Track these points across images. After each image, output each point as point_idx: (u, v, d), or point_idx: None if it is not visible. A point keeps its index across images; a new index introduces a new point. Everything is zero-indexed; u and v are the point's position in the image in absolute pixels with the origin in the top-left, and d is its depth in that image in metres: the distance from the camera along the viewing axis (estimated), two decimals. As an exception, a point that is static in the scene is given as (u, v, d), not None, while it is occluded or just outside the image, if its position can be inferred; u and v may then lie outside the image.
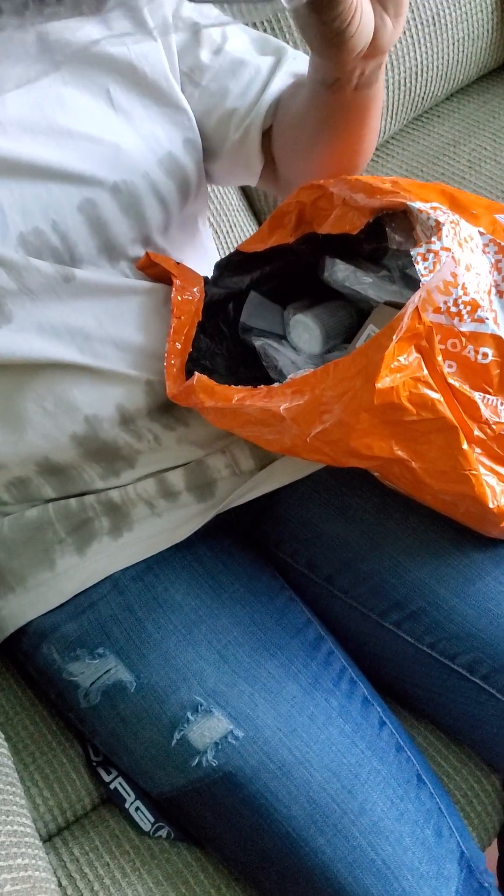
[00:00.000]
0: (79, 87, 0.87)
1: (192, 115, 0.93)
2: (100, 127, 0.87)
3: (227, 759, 0.81)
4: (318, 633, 0.90)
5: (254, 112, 0.92)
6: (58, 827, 0.91)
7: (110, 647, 0.88)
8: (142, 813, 0.88)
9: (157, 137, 0.89)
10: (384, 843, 0.78)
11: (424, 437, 0.72)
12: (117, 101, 0.88)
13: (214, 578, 0.92)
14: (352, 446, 0.72)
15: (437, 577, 0.89)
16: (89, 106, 0.87)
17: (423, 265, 0.69)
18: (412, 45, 1.36)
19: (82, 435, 0.88)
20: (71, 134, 0.85)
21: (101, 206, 0.85)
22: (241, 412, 0.78)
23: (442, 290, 0.69)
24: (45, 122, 0.85)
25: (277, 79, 0.92)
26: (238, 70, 0.93)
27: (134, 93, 0.89)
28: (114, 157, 0.86)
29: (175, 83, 0.91)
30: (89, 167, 0.85)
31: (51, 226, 0.84)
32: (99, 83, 0.87)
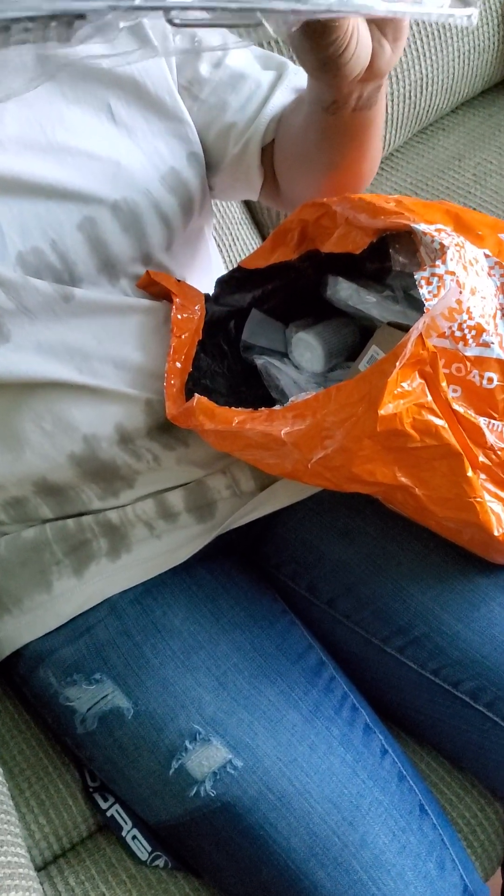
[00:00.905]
0: (79, 102, 0.85)
1: (195, 129, 0.92)
2: (101, 143, 0.85)
3: (226, 789, 0.79)
4: (320, 658, 0.89)
5: (253, 127, 0.91)
6: (53, 854, 0.90)
7: (107, 673, 0.86)
8: (139, 841, 0.87)
9: (160, 152, 0.88)
10: (385, 878, 0.76)
11: (428, 464, 0.70)
12: (119, 116, 0.87)
13: (214, 602, 0.90)
14: (354, 472, 0.71)
15: (440, 602, 0.87)
16: (90, 121, 0.86)
17: (427, 289, 0.68)
18: (417, 57, 1.34)
19: (80, 455, 0.86)
20: (71, 150, 0.84)
21: (100, 224, 0.84)
22: (241, 435, 0.77)
23: (447, 316, 0.67)
24: (45, 138, 0.83)
25: (278, 94, 0.91)
26: (238, 84, 0.91)
27: (136, 107, 0.88)
28: (114, 174, 0.85)
29: (178, 96, 0.90)
30: (89, 185, 0.84)
31: (50, 245, 0.83)
32: (100, 97, 0.86)
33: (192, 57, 0.91)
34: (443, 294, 0.67)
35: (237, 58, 0.92)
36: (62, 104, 0.84)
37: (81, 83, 0.85)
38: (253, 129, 0.91)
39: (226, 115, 0.92)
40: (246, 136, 0.92)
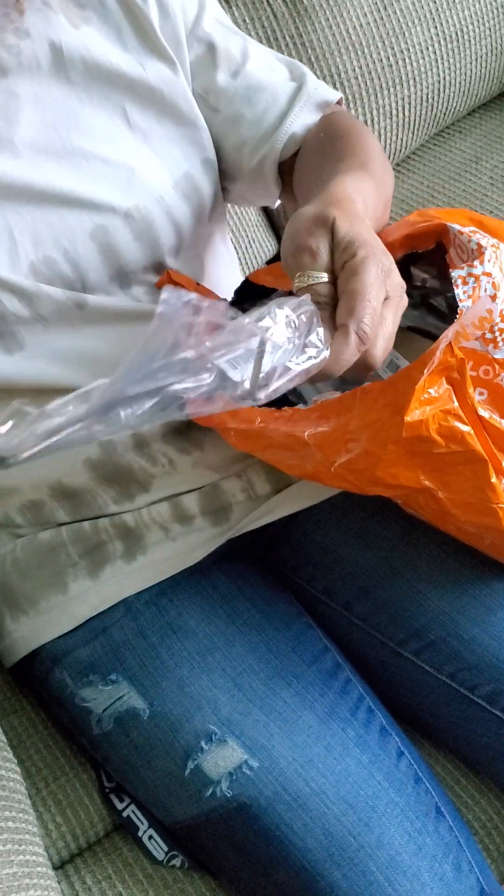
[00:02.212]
0: (94, 107, 0.85)
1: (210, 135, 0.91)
2: (115, 148, 0.85)
3: (242, 790, 0.80)
4: (336, 660, 0.89)
5: (269, 144, 0.91)
6: (70, 854, 0.90)
7: (123, 674, 0.86)
8: (155, 842, 0.87)
9: (175, 158, 0.88)
10: (402, 879, 0.76)
11: (452, 469, 0.70)
12: (134, 121, 0.86)
13: (229, 604, 0.90)
14: (378, 476, 0.71)
15: (457, 606, 0.87)
16: (105, 125, 0.85)
17: (463, 289, 0.68)
18: (435, 60, 1.34)
19: (96, 459, 0.86)
20: (86, 155, 0.84)
21: (113, 232, 0.84)
22: (263, 435, 0.77)
23: (477, 325, 0.67)
24: (60, 142, 0.83)
25: (297, 110, 0.90)
26: (254, 97, 0.91)
27: (151, 112, 0.87)
28: (128, 180, 0.84)
29: (193, 100, 0.89)
30: (103, 192, 0.83)
31: (62, 254, 0.83)
32: (115, 102, 0.86)
33: (208, 63, 0.90)
34: (478, 294, 0.67)
35: (256, 67, 0.92)
36: (78, 107, 0.84)
37: (97, 87, 0.85)
38: (269, 146, 0.91)
39: (241, 128, 0.91)
40: (262, 151, 0.91)
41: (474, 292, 0.68)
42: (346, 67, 1.29)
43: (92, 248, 0.84)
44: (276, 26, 1.24)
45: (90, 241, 0.84)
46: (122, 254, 0.85)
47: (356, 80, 1.30)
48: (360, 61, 1.29)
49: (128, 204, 0.84)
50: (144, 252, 0.86)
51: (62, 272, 0.83)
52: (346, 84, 1.29)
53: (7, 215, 0.80)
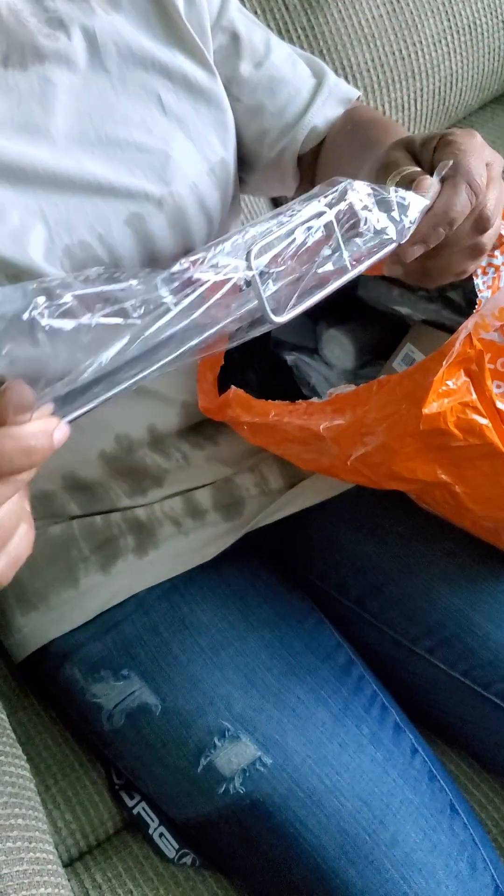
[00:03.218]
0: (129, 94, 0.84)
1: None
2: (150, 135, 0.84)
3: (256, 787, 0.79)
4: (349, 657, 0.88)
5: (290, 136, 0.91)
6: (80, 851, 0.89)
7: (135, 669, 0.86)
8: (166, 839, 0.86)
9: (211, 143, 0.87)
10: (417, 877, 0.76)
11: (470, 463, 0.70)
12: (169, 107, 0.86)
13: (242, 600, 0.90)
14: (394, 470, 0.70)
15: (471, 602, 0.87)
16: (140, 112, 0.85)
17: (482, 279, 0.67)
18: (447, 53, 1.34)
19: (111, 453, 0.86)
20: (120, 143, 0.83)
21: (148, 220, 0.83)
22: (278, 428, 0.76)
23: (497, 315, 0.66)
24: (94, 131, 0.82)
25: (320, 105, 0.91)
26: (276, 88, 0.91)
27: (185, 97, 0.87)
28: (163, 167, 0.84)
29: (220, 83, 0.89)
30: (138, 180, 0.83)
31: (97, 239, 0.82)
32: (149, 89, 0.85)
33: (232, 53, 0.90)
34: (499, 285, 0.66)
35: (278, 60, 0.92)
36: (112, 95, 0.84)
37: (130, 74, 0.84)
38: (290, 137, 0.91)
39: (262, 119, 0.91)
40: (282, 143, 0.91)
41: (494, 282, 0.67)
42: (357, 60, 1.28)
43: (128, 234, 0.83)
44: (287, 18, 1.24)
45: (126, 227, 0.83)
46: (156, 240, 0.85)
47: (368, 72, 1.29)
48: (372, 54, 1.29)
49: (162, 191, 0.84)
50: (177, 240, 0.86)
51: (97, 255, 0.83)
52: (357, 77, 1.29)
53: (42, 204, 0.80)
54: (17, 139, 0.79)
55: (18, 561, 0.49)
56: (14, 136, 0.79)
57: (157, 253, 0.85)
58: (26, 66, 0.80)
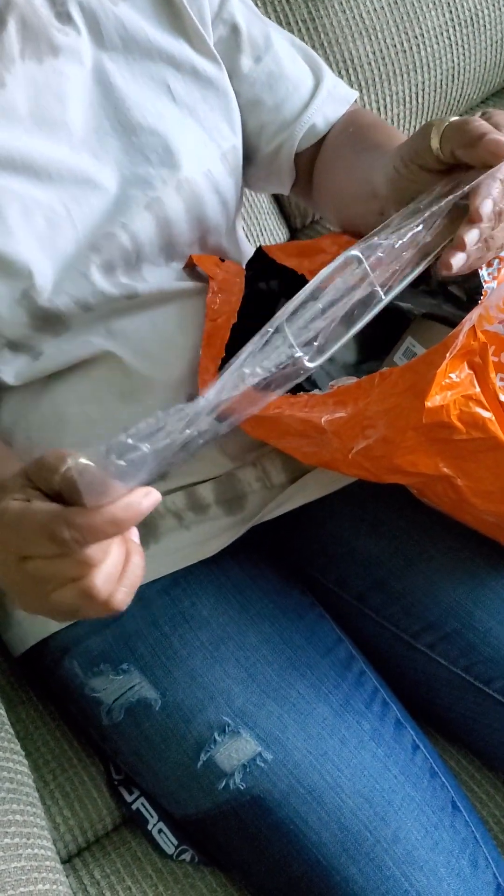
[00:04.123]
0: (138, 84, 0.85)
1: None
2: (162, 123, 0.85)
3: (256, 783, 0.78)
4: (350, 652, 0.88)
5: (287, 132, 0.92)
6: (78, 847, 0.89)
7: (135, 663, 0.85)
8: (165, 835, 0.86)
9: (221, 130, 0.88)
10: (418, 874, 0.75)
11: (473, 456, 0.69)
12: (178, 95, 0.87)
13: (242, 594, 0.89)
14: (396, 463, 0.69)
15: (472, 598, 0.86)
16: (151, 101, 0.86)
17: (488, 271, 0.66)
18: (449, 46, 1.33)
19: None
20: (135, 129, 0.84)
21: (167, 203, 0.84)
22: (279, 422, 0.76)
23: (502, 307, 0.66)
24: (109, 121, 0.84)
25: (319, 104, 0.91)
26: (275, 84, 0.91)
27: (194, 86, 0.88)
28: (178, 153, 0.85)
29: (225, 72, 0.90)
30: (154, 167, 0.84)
31: (121, 227, 0.83)
32: (157, 78, 0.86)
33: (233, 46, 0.91)
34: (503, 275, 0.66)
35: (278, 55, 0.92)
36: (122, 86, 0.85)
37: (139, 64, 0.85)
38: (287, 134, 0.92)
39: (260, 113, 0.92)
40: (279, 139, 0.92)
41: (499, 273, 0.67)
42: (358, 53, 1.27)
43: (148, 219, 0.84)
44: (288, 10, 1.23)
45: (146, 212, 0.84)
46: (174, 225, 0.86)
47: (369, 65, 1.29)
48: (374, 46, 1.28)
49: (178, 176, 0.85)
50: (192, 226, 0.87)
51: (122, 244, 0.84)
52: (358, 70, 1.28)
53: (66, 202, 0.81)
54: (37, 134, 0.80)
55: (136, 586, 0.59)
56: (34, 130, 0.80)
57: (175, 238, 0.86)
58: (42, 60, 0.81)
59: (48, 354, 0.84)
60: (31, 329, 0.82)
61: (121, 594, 0.57)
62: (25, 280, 0.80)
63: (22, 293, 0.80)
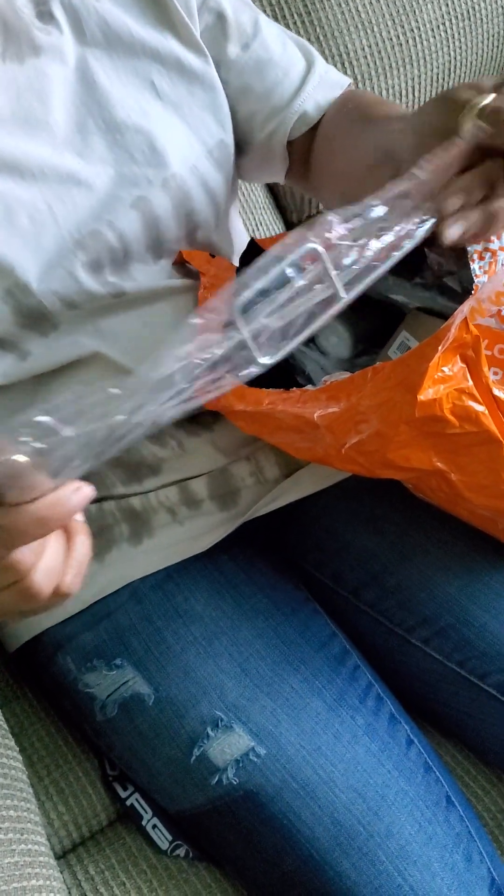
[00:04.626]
0: (122, 81, 0.84)
1: None
2: (147, 120, 0.85)
3: (249, 777, 0.78)
4: (344, 646, 0.88)
5: (279, 118, 0.91)
6: (72, 843, 0.89)
7: (128, 658, 0.85)
8: (159, 831, 0.86)
9: (208, 125, 0.87)
10: (412, 869, 0.75)
11: (466, 450, 0.69)
12: (163, 92, 0.86)
13: (236, 589, 0.89)
14: (389, 458, 0.69)
15: (467, 592, 0.86)
16: (136, 98, 0.85)
17: (479, 264, 0.66)
18: (445, 39, 1.32)
19: None
20: (119, 128, 0.83)
21: (153, 202, 0.84)
22: (272, 417, 0.75)
23: (494, 300, 0.65)
24: (93, 120, 0.83)
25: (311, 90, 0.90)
26: (264, 70, 0.91)
27: (180, 81, 0.87)
28: (163, 150, 0.84)
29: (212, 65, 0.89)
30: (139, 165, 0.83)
31: (108, 225, 0.82)
32: (142, 75, 0.85)
33: (219, 35, 0.90)
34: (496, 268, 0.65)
35: (267, 41, 0.91)
36: (106, 84, 0.84)
37: (122, 61, 0.84)
38: (279, 121, 0.91)
39: (250, 101, 0.91)
40: (271, 126, 0.92)
41: (490, 267, 0.66)
42: (354, 46, 1.27)
43: (135, 217, 0.83)
44: (283, 3, 1.23)
45: (132, 211, 0.83)
46: (161, 222, 0.85)
47: (365, 59, 1.28)
48: (369, 40, 1.27)
49: (164, 174, 0.84)
50: (180, 222, 0.86)
51: (109, 242, 0.83)
52: (354, 63, 1.28)
53: (49, 201, 0.80)
54: (19, 134, 0.79)
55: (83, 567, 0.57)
56: (16, 131, 0.79)
57: (163, 235, 0.86)
58: (23, 60, 0.80)
59: (36, 355, 0.84)
60: (16, 327, 0.82)
61: (68, 580, 0.56)
62: (8, 277, 0.80)
63: (6, 290, 0.80)
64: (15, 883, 0.69)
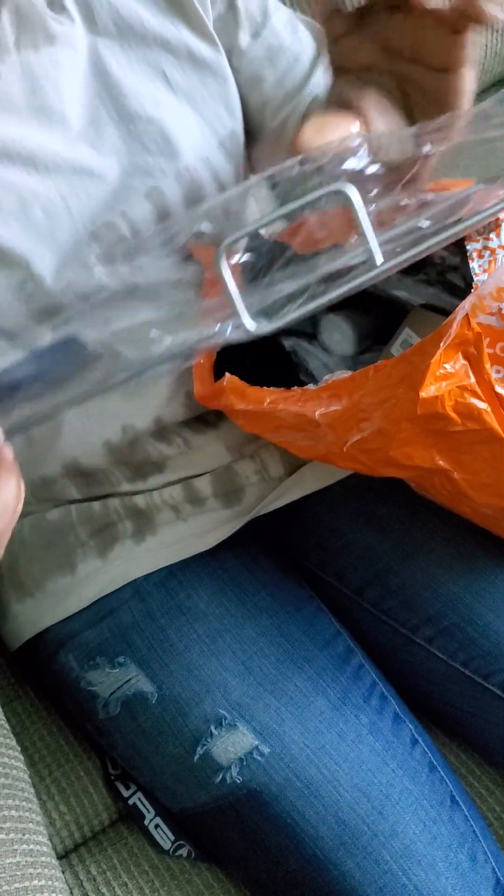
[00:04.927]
0: (134, 71, 0.83)
1: None
2: (159, 111, 0.84)
3: (252, 776, 0.78)
4: (348, 645, 0.87)
5: (291, 105, 0.89)
6: (74, 843, 0.89)
7: (131, 656, 0.85)
8: (162, 830, 0.85)
9: (220, 115, 0.86)
10: (416, 868, 0.75)
11: (469, 448, 0.68)
12: (175, 82, 0.85)
13: (239, 586, 0.89)
14: (391, 456, 0.69)
15: (472, 591, 0.86)
16: (147, 88, 0.84)
17: (478, 262, 0.65)
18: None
19: (116, 442, 0.85)
20: (132, 118, 0.82)
21: (166, 192, 0.83)
22: (273, 416, 0.75)
23: (495, 296, 0.65)
24: (106, 110, 0.82)
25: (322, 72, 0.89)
26: (275, 57, 0.89)
27: (191, 71, 0.86)
28: (176, 141, 0.83)
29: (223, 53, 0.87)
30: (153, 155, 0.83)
31: (121, 216, 0.82)
32: (153, 65, 0.84)
33: (230, 22, 0.89)
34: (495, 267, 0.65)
35: (277, 27, 0.90)
36: (118, 74, 0.83)
37: (133, 52, 0.84)
38: (291, 107, 0.89)
39: (262, 89, 0.90)
40: (284, 113, 0.90)
41: (490, 266, 0.66)
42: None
43: (148, 209, 0.83)
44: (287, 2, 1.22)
45: (146, 201, 0.83)
46: (173, 213, 0.84)
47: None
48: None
49: (177, 165, 0.83)
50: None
51: (122, 232, 0.82)
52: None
53: (64, 193, 0.80)
54: (33, 124, 0.79)
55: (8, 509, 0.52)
56: (30, 121, 0.79)
57: None
58: (38, 48, 0.79)
59: None
60: (30, 321, 0.82)
61: None
62: (23, 270, 0.79)
63: (20, 283, 0.80)
64: (17, 883, 0.68)
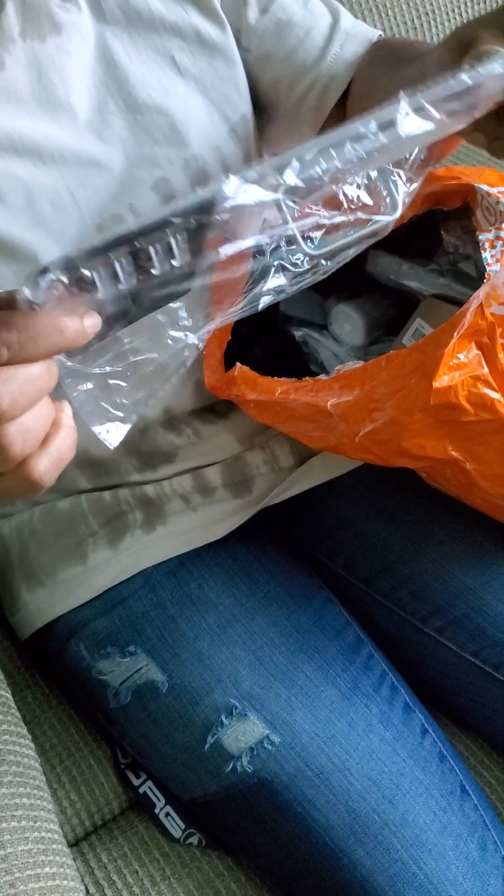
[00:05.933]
0: (142, 58, 0.83)
1: None
2: (168, 98, 0.83)
3: (263, 765, 0.78)
4: (357, 635, 0.87)
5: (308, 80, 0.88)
6: (85, 831, 0.89)
7: (142, 645, 0.85)
8: (172, 819, 0.85)
9: (231, 100, 0.86)
10: (426, 857, 0.75)
11: (481, 438, 0.68)
12: (184, 68, 0.84)
13: (249, 577, 0.89)
14: (403, 446, 0.69)
15: (482, 581, 0.86)
16: (156, 75, 0.83)
17: (490, 253, 0.65)
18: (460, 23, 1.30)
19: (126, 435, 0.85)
20: (140, 108, 0.82)
21: (173, 183, 0.82)
22: (284, 406, 0.75)
23: (509, 284, 0.65)
24: (113, 100, 0.81)
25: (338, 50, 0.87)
26: (284, 33, 0.88)
27: (201, 56, 0.85)
28: (185, 130, 0.83)
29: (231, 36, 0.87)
30: (161, 146, 0.82)
31: (128, 208, 0.81)
32: (162, 51, 0.83)
33: (238, 2, 0.87)
34: None
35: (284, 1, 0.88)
36: (126, 62, 0.82)
37: (141, 39, 0.83)
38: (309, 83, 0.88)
39: (272, 66, 0.89)
40: (300, 88, 0.89)
41: (503, 256, 0.65)
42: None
43: (155, 200, 0.82)
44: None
45: (152, 193, 0.82)
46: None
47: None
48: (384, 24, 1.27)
49: (185, 154, 0.83)
50: None
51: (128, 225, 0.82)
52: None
53: (70, 186, 0.79)
54: (39, 115, 0.78)
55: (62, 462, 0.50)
56: (37, 113, 0.78)
57: None
58: (44, 38, 0.78)
59: None
60: None
61: (42, 464, 0.49)
62: (30, 264, 0.79)
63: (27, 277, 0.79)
64: (28, 870, 0.69)
